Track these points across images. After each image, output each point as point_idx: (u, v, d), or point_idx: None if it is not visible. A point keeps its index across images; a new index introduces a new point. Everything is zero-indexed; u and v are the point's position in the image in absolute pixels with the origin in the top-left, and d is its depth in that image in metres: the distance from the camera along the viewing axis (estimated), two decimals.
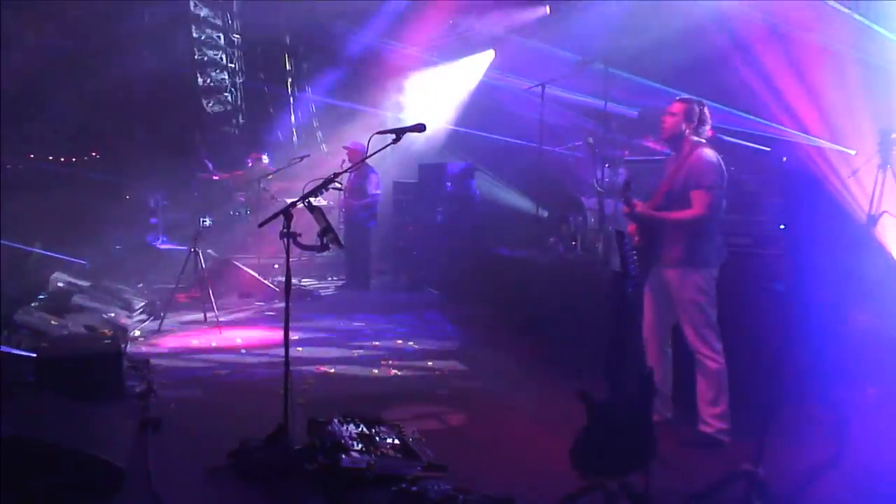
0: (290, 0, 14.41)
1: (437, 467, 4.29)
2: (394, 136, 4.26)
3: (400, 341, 7.83)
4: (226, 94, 16.26)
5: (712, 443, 4.75)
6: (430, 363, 6.98)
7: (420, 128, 4.27)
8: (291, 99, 16.47)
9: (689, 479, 4.25)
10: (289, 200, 4.45)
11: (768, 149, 7.61)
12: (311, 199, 4.20)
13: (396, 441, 4.50)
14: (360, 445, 4.34)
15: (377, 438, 4.48)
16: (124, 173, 14.34)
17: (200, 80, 15.66)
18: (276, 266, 10.50)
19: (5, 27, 12.11)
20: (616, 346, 3.89)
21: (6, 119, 13.04)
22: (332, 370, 6.62)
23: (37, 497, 3.86)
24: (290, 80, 16.40)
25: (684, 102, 4.92)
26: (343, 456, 4.19)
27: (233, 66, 16.31)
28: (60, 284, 8.48)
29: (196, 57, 15.50)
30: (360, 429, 4.57)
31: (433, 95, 13.42)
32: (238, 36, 16.34)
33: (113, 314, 7.54)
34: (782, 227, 6.48)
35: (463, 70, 12.95)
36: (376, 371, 6.67)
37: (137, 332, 7.75)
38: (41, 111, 13.77)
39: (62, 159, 16.48)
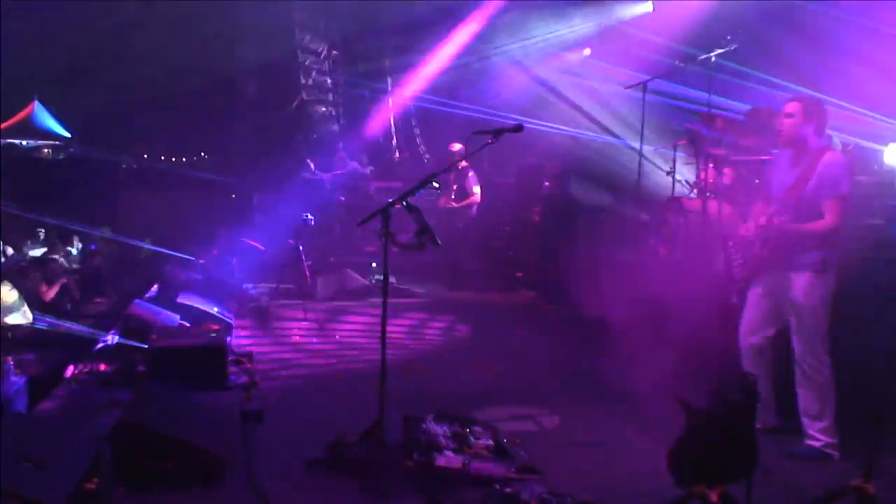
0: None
1: (530, 469, 4.27)
2: (492, 136, 4.27)
3: (494, 341, 7.82)
4: (327, 94, 16.58)
5: (820, 457, 4.55)
6: (524, 364, 6.95)
7: (518, 128, 4.27)
8: (391, 100, 16.65)
9: (793, 492, 4.09)
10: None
11: (884, 147, 7.21)
12: (409, 199, 4.23)
13: (490, 441, 4.49)
14: (454, 444, 4.36)
15: (471, 438, 4.48)
16: (230, 173, 14.87)
17: (303, 81, 16.02)
18: (374, 265, 10.66)
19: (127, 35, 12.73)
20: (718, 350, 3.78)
21: (123, 122, 13.73)
22: (428, 368, 6.67)
23: (146, 483, 4.04)
24: (389, 80, 16.57)
25: (800, 101, 4.61)
26: (437, 455, 4.22)
27: (333, 66, 16.62)
28: (170, 279, 8.84)
29: (299, 59, 15.86)
30: (454, 427, 4.59)
31: (529, 94, 13.32)
32: (339, 37, 16.63)
33: (218, 308, 7.81)
34: None
35: (559, 68, 12.81)
36: (471, 370, 6.68)
37: (242, 326, 7.99)
38: (155, 114, 14.42)
39: (173, 159, 17.24)
